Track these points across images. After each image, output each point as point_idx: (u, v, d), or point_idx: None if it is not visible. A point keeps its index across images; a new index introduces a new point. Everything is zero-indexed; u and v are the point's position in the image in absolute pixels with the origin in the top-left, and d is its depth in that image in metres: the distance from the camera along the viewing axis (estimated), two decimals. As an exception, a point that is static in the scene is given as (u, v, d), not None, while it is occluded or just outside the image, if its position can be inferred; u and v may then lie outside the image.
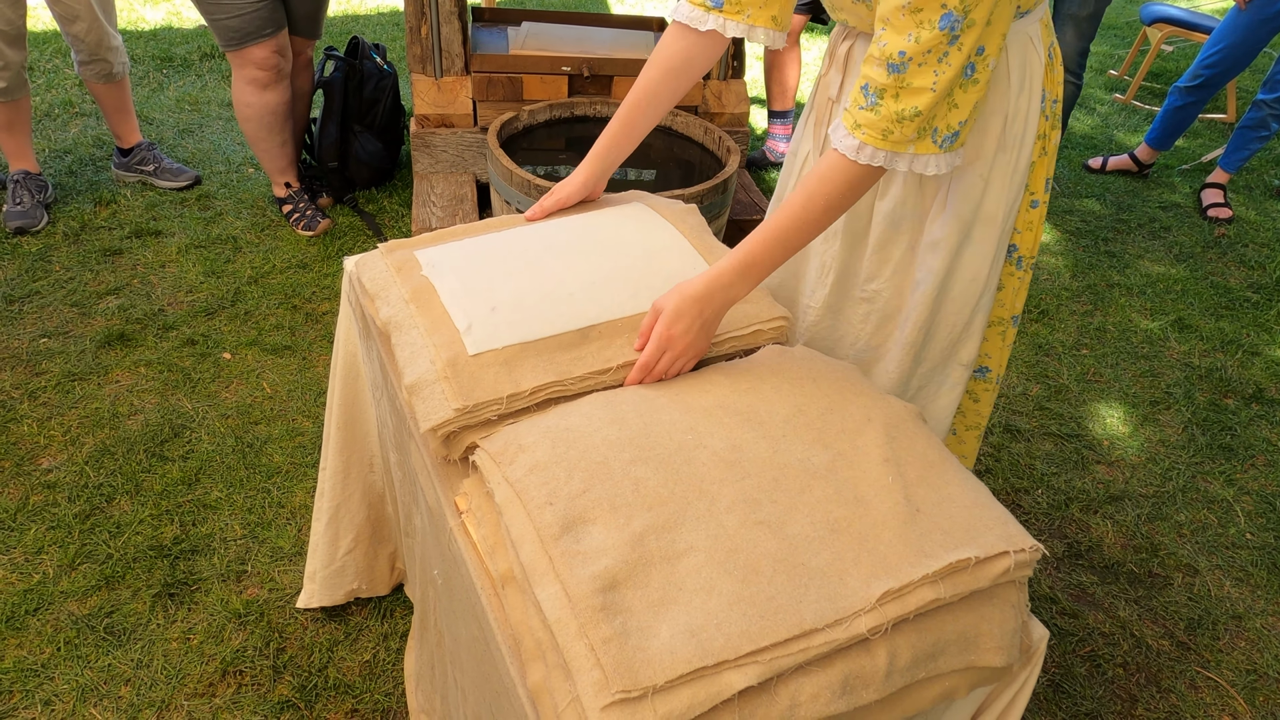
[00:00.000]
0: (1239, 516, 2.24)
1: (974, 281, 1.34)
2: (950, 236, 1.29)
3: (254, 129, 2.76)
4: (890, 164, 1.09)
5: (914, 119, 1.06)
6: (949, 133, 1.09)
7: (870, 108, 1.07)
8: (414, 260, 1.29)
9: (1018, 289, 1.43)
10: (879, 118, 1.07)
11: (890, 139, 1.07)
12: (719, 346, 1.23)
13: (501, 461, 1.00)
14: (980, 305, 1.37)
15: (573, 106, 2.68)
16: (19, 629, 1.69)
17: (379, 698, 1.63)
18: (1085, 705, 1.76)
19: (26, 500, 1.94)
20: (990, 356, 1.49)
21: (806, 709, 0.84)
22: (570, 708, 0.81)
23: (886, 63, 1.04)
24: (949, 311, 1.37)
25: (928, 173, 1.11)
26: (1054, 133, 1.32)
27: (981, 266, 1.32)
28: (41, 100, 3.64)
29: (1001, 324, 1.46)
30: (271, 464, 2.08)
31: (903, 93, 1.05)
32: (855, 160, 1.09)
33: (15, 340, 2.39)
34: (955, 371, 1.43)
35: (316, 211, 2.96)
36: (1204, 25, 4.41)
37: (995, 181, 1.27)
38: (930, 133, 1.08)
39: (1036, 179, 1.32)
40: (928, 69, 1.03)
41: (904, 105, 1.05)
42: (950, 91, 1.06)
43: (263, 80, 2.64)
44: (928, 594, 0.90)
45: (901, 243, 1.34)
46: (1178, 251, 3.40)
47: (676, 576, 0.88)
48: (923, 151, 1.09)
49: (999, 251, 1.33)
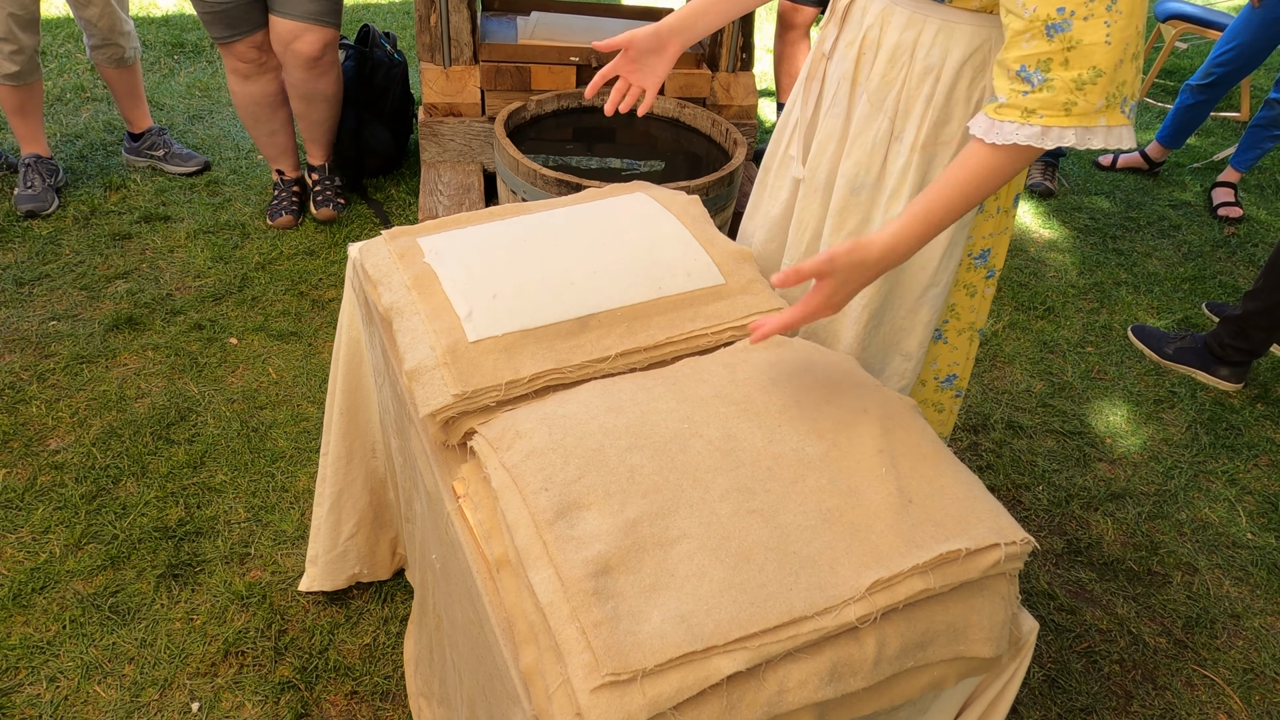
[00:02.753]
0: (1240, 516, 2.23)
1: (922, 270, 1.31)
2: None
3: (243, 117, 2.83)
4: (1084, 141, 0.96)
5: (1096, 81, 0.93)
6: (1133, 100, 0.97)
7: (1039, 87, 0.95)
8: (417, 247, 1.30)
9: (983, 300, 1.41)
10: (1054, 93, 0.94)
11: (1075, 112, 0.95)
12: (718, 336, 1.23)
13: (499, 447, 1.01)
14: (927, 297, 1.33)
15: (580, 97, 2.68)
16: (25, 607, 1.71)
17: (378, 680, 1.65)
18: (1081, 701, 1.76)
19: (34, 480, 1.97)
20: (958, 365, 1.47)
21: (794, 695, 0.85)
22: (561, 689, 0.82)
23: (1044, 27, 0.93)
24: (895, 298, 1.34)
25: (1123, 146, 0.98)
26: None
27: (931, 256, 1.29)
28: (53, 85, 3.66)
29: (968, 331, 1.43)
30: (276, 449, 2.10)
31: (1072, 55, 0.93)
32: (1043, 145, 0.97)
33: (25, 323, 2.41)
34: (895, 361, 1.40)
35: (292, 204, 2.96)
36: (1218, 22, 4.37)
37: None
38: (1119, 100, 0.95)
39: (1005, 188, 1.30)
40: (1097, 20, 0.91)
41: (1079, 69, 0.93)
42: (1130, 47, 0.93)
43: (243, 71, 2.69)
44: (918, 584, 0.90)
45: (858, 213, 1.31)
46: (1186, 250, 3.39)
47: (669, 563, 0.89)
48: (1114, 123, 0.96)
49: (951, 246, 1.29)
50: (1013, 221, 1.36)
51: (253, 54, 2.63)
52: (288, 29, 2.55)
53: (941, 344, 1.45)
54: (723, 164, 2.43)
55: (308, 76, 2.68)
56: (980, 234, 1.34)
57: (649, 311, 1.23)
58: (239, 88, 2.73)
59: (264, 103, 2.76)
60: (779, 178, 1.48)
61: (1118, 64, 0.93)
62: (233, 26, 2.54)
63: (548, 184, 2.18)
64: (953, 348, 1.46)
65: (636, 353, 1.19)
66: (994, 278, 1.41)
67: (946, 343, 1.45)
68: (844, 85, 1.29)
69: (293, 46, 2.58)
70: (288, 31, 2.55)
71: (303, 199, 3.03)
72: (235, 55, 2.63)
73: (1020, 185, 1.33)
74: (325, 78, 2.74)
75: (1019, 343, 2.77)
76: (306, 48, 2.59)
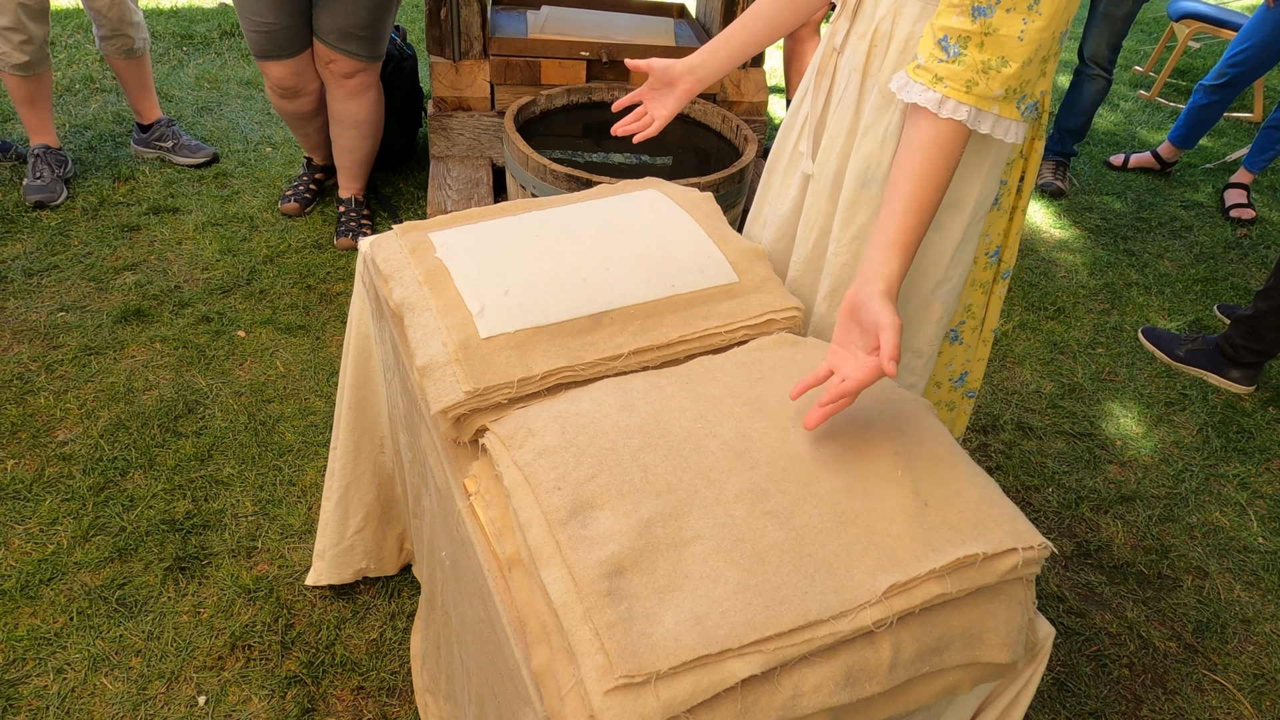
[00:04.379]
0: (1252, 520, 2.22)
1: (934, 265, 1.30)
2: None
3: (284, 119, 2.85)
4: (974, 123, 1.03)
5: (999, 71, 1.00)
6: (1032, 101, 1.04)
7: (953, 59, 1.02)
8: (428, 242, 1.29)
9: (996, 300, 1.40)
10: (963, 68, 1.01)
11: (974, 92, 1.02)
12: (731, 335, 1.22)
13: (511, 445, 1.00)
14: (939, 294, 1.32)
15: (590, 92, 2.67)
16: (33, 598, 1.71)
17: (385, 676, 1.65)
18: (1090, 705, 1.75)
19: (42, 471, 1.97)
20: (970, 364, 1.45)
21: (809, 699, 0.84)
22: (574, 691, 0.81)
23: (971, 7, 0.99)
24: (907, 293, 1.33)
25: (1007, 139, 1.06)
26: (1037, 141, 1.27)
27: (944, 251, 1.28)
28: (62, 75, 3.66)
29: (981, 331, 1.42)
30: (283, 442, 2.10)
31: (988, 40, 1.00)
32: (938, 115, 1.03)
33: (33, 313, 2.41)
34: (905, 357, 1.39)
35: (305, 192, 2.97)
36: (1232, 22, 4.34)
37: (969, 165, 1.22)
38: (1018, 98, 1.03)
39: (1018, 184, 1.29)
40: (1016, 15, 0.97)
41: (989, 55, 1.00)
42: (1041, 50, 1.00)
43: (279, 92, 2.68)
44: (934, 588, 0.90)
45: (868, 208, 1.29)
46: (1198, 251, 3.37)
47: (683, 564, 0.88)
48: (1006, 115, 1.04)
49: (964, 241, 1.29)
50: (1023, 220, 1.35)
51: (291, 80, 2.61)
52: (324, 53, 2.58)
53: (957, 345, 1.44)
54: (733, 161, 2.42)
55: (341, 95, 2.65)
56: (995, 231, 1.33)
57: (662, 309, 1.22)
58: (276, 102, 2.73)
59: (302, 114, 2.78)
60: (787, 175, 1.46)
61: (1025, 62, 1.00)
62: (280, 47, 2.53)
63: (557, 179, 2.17)
64: (968, 348, 1.45)
65: (649, 351, 1.18)
66: (1007, 279, 1.40)
67: (962, 343, 1.44)
68: (854, 79, 1.28)
69: (329, 67, 2.60)
70: (324, 54, 2.58)
71: (318, 190, 3.04)
72: (272, 77, 2.61)
73: (1031, 184, 1.32)
74: (357, 100, 2.67)
75: (1029, 343, 2.76)
76: (340, 69, 2.60)
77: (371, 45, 2.58)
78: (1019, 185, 1.31)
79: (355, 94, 2.66)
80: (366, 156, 2.84)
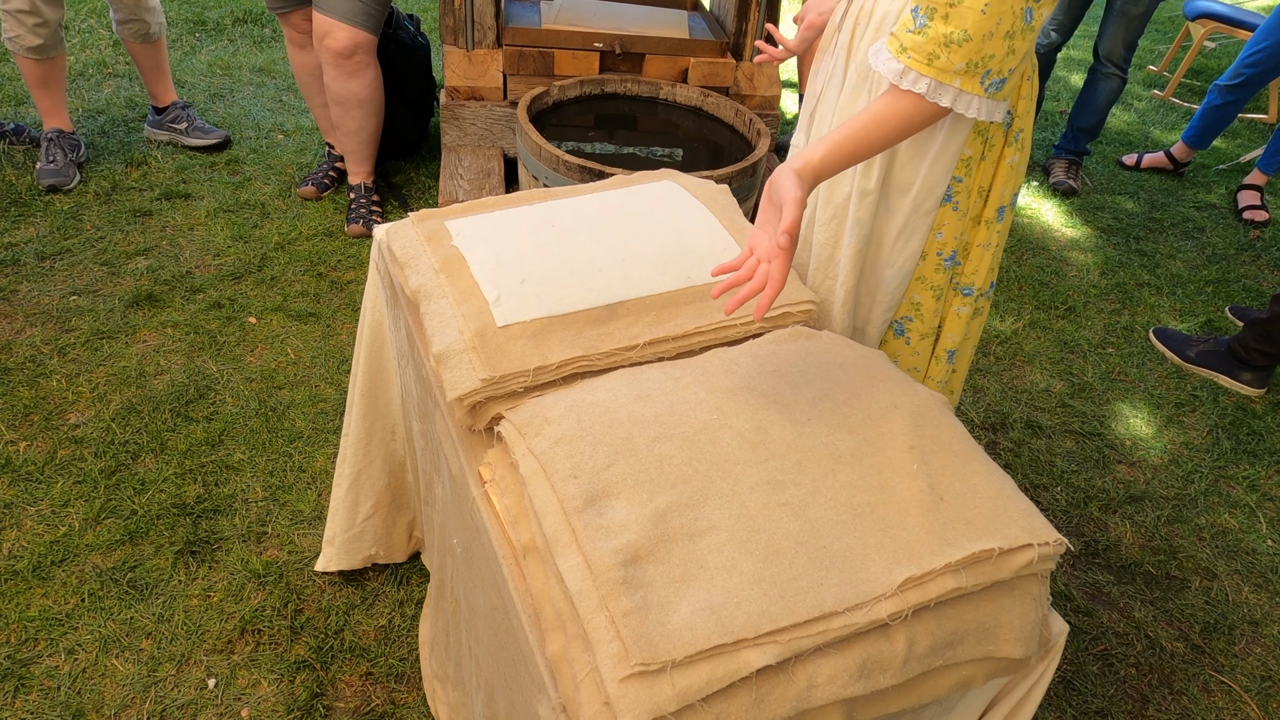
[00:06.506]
0: (1261, 522, 2.21)
1: (881, 245, 1.29)
2: (875, 191, 1.25)
3: (300, 86, 2.92)
4: (934, 95, 1.05)
5: (962, 44, 1.02)
6: (997, 78, 1.05)
7: (918, 30, 1.04)
8: (444, 230, 1.29)
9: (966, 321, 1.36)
10: (926, 40, 1.03)
11: (935, 64, 1.03)
12: (747, 327, 1.22)
13: (527, 433, 1.00)
14: (883, 278, 1.31)
15: (604, 83, 2.67)
16: (45, 579, 1.72)
17: (393, 662, 1.65)
18: (1096, 703, 1.75)
19: (54, 454, 1.98)
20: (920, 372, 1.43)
21: (823, 690, 0.84)
22: (589, 678, 0.81)
23: None
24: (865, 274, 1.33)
25: (969, 114, 1.07)
26: (1017, 152, 1.25)
27: (889, 232, 1.28)
28: (76, 60, 3.66)
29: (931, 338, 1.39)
30: (294, 428, 2.11)
31: (952, 13, 1.01)
32: (899, 85, 1.05)
33: (46, 297, 2.42)
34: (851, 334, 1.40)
35: (324, 178, 3.00)
36: (1249, 22, 4.31)
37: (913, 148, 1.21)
38: (981, 73, 1.04)
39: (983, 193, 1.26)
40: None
41: (953, 27, 1.01)
42: (1003, 24, 1.01)
43: (299, 41, 2.78)
44: (949, 582, 0.90)
45: (846, 186, 1.29)
46: (1210, 253, 3.35)
47: (698, 554, 0.89)
48: (968, 89, 1.05)
49: (908, 227, 1.27)
50: (999, 239, 1.31)
51: (307, 24, 2.70)
52: (320, 23, 2.55)
53: (902, 342, 1.41)
54: (746, 154, 2.41)
55: (338, 75, 2.63)
56: (950, 233, 1.29)
57: (678, 300, 1.21)
58: (295, 56, 2.83)
59: (316, 74, 2.83)
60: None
61: (987, 35, 1.01)
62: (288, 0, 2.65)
63: (570, 170, 2.17)
64: (914, 351, 1.41)
65: (665, 341, 1.18)
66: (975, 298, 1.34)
67: (909, 344, 1.41)
68: (842, 57, 1.28)
69: (324, 42, 2.57)
70: (320, 26, 2.56)
71: (337, 178, 3.05)
72: (291, 25, 2.73)
73: (1006, 199, 1.28)
74: (356, 79, 2.65)
75: (1039, 342, 2.75)
76: (336, 44, 2.55)
77: (370, 18, 2.58)
78: (985, 194, 1.28)
79: (354, 73, 2.65)
80: (371, 137, 2.85)
